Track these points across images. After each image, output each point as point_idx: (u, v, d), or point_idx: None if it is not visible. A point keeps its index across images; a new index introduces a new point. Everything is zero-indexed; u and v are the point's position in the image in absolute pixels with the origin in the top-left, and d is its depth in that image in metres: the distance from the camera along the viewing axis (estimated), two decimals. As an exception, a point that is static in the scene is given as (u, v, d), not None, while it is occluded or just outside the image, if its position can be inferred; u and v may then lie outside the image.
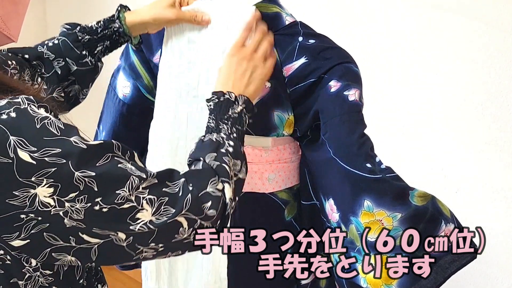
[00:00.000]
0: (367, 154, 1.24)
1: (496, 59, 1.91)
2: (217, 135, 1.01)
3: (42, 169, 0.76)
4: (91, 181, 0.78)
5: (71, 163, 0.77)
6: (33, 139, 0.76)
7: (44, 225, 0.78)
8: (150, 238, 0.83)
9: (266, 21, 1.29)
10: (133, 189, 0.81)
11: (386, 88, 2.12)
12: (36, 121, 0.77)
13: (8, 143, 0.75)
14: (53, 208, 0.77)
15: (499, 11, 1.89)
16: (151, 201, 0.83)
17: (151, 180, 0.84)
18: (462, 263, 1.25)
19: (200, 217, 0.88)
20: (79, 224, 0.79)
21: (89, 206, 0.78)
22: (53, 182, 0.76)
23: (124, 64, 1.42)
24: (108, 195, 0.79)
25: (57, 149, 0.77)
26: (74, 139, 0.79)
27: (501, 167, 1.99)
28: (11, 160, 0.75)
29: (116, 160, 0.82)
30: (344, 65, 1.28)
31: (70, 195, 0.77)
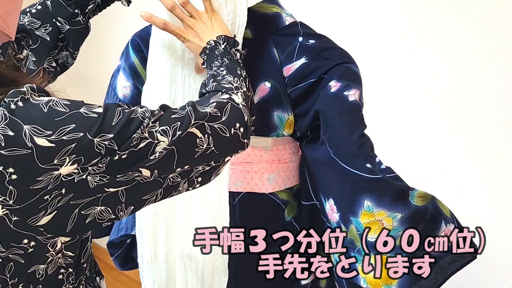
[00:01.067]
0: (367, 154, 1.24)
1: (496, 59, 1.91)
2: (210, 71, 1.07)
3: (63, 149, 0.77)
4: (111, 142, 0.80)
5: (88, 133, 0.79)
6: (46, 123, 0.77)
7: (69, 196, 0.80)
8: (174, 162, 0.85)
9: (266, 21, 1.29)
10: (146, 127, 0.83)
11: (386, 88, 2.12)
12: (42, 106, 0.78)
13: (24, 133, 0.76)
14: (77, 175, 0.79)
15: (499, 11, 1.89)
16: (165, 132, 0.85)
17: (158, 113, 0.86)
18: (462, 263, 1.25)
19: (206, 120, 0.90)
20: (102, 177, 0.81)
21: (108, 159, 0.80)
22: (76, 157, 0.78)
23: (124, 64, 1.42)
24: (124, 141, 0.81)
25: (71, 125, 0.78)
26: (83, 110, 0.81)
27: (501, 167, 1.99)
28: (30, 149, 0.76)
29: (128, 113, 0.83)
30: (344, 65, 1.28)
31: (92, 161, 0.79)
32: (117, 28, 2.62)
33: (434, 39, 2.02)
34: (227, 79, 1.04)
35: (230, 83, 1.02)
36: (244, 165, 1.34)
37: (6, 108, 0.77)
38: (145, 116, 0.84)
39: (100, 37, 2.70)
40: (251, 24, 1.28)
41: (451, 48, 1.99)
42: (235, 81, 1.03)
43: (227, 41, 1.14)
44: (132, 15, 2.59)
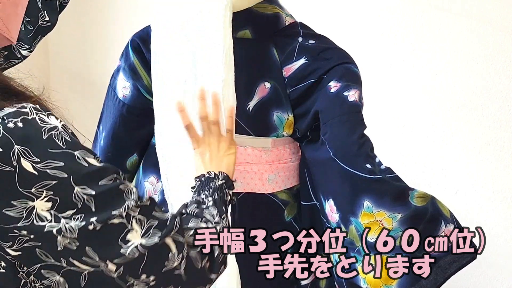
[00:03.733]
0: (367, 154, 1.24)
1: (496, 59, 1.91)
2: (198, 197, 1.05)
3: (43, 181, 0.75)
4: (89, 199, 0.78)
5: (72, 178, 0.77)
6: (38, 150, 0.76)
7: (37, 243, 0.78)
8: (141, 266, 0.82)
9: (266, 21, 1.29)
10: (127, 208, 0.81)
11: (386, 88, 2.12)
12: (43, 131, 0.77)
13: (12, 152, 0.75)
14: (48, 223, 0.77)
15: (499, 11, 1.89)
16: (141, 222, 0.82)
17: (145, 202, 0.84)
18: (462, 264, 1.25)
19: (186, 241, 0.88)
20: (71, 243, 0.78)
21: (83, 225, 0.78)
22: (52, 196, 0.76)
23: (124, 64, 1.42)
24: (103, 215, 0.79)
25: (60, 163, 0.77)
26: (78, 153, 0.79)
27: (501, 168, 1.99)
28: (13, 168, 0.74)
29: (119, 182, 0.82)
30: (344, 65, 1.28)
31: (67, 212, 0.77)
32: (117, 28, 2.62)
33: (434, 39, 2.02)
34: (210, 211, 1.01)
35: (212, 217, 1.00)
36: (244, 166, 1.34)
37: (2, 125, 0.75)
38: (131, 197, 0.82)
39: (100, 38, 2.71)
40: (251, 24, 1.28)
41: (451, 48, 1.99)
42: (216, 217, 1.01)
43: (226, 180, 1.13)
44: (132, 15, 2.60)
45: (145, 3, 2.56)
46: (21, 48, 1.11)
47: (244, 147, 1.34)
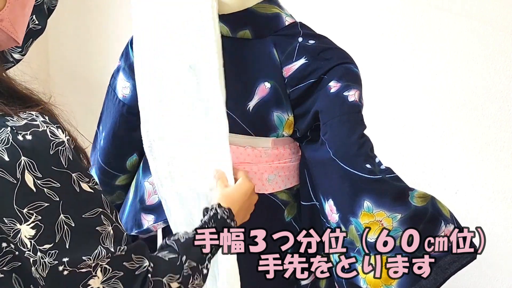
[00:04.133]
0: (367, 154, 1.24)
1: (496, 59, 1.91)
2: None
3: (38, 201, 0.77)
4: (67, 233, 0.79)
5: (62, 204, 0.79)
6: (43, 164, 0.77)
7: (16, 264, 0.81)
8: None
9: (266, 21, 1.29)
10: (98, 259, 0.82)
11: (386, 88, 2.12)
12: (52, 146, 0.78)
13: (19, 163, 0.76)
14: (27, 251, 0.79)
15: (499, 11, 1.89)
16: (105, 270, 0.83)
17: (120, 252, 0.84)
18: (462, 264, 1.25)
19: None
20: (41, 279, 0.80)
21: (55, 264, 0.79)
22: (39, 222, 0.77)
23: (124, 64, 1.42)
24: (75, 258, 0.80)
25: (57, 183, 0.78)
26: (75, 176, 0.80)
27: (501, 168, 1.99)
28: (15, 180, 0.76)
29: (100, 220, 0.82)
30: (344, 65, 1.28)
31: (44, 246, 0.79)
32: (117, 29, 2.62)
33: (434, 39, 2.02)
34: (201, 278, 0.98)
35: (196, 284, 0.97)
36: (244, 166, 1.34)
37: (12, 135, 0.76)
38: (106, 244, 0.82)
39: (100, 38, 2.71)
40: (251, 24, 1.29)
41: (451, 48, 1.99)
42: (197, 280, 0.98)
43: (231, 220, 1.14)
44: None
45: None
46: (13, 51, 1.11)
47: (244, 147, 1.34)
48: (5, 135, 0.76)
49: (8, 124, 0.77)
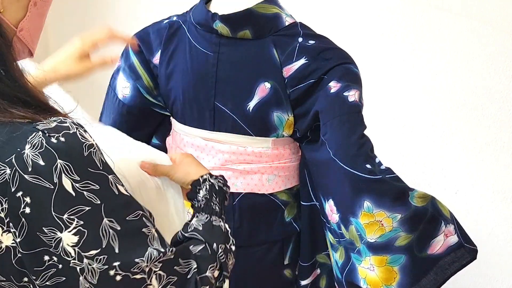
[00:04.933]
0: (367, 155, 1.24)
1: (496, 60, 1.91)
2: (223, 223, 1.00)
3: (78, 205, 0.74)
4: (114, 236, 0.76)
5: (104, 207, 0.76)
6: (79, 167, 0.75)
7: (61, 279, 0.76)
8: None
9: (266, 21, 1.29)
10: (151, 261, 0.79)
11: (386, 88, 2.12)
12: (84, 147, 0.75)
13: (55, 167, 0.73)
14: (72, 260, 0.75)
15: (499, 11, 1.89)
16: (160, 278, 0.81)
17: (168, 255, 0.82)
18: (462, 264, 1.25)
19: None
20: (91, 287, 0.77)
21: (105, 269, 0.76)
22: (81, 227, 0.74)
23: (124, 65, 1.42)
24: (126, 261, 0.77)
25: (96, 186, 0.75)
26: (111, 178, 0.78)
27: (501, 168, 1.99)
28: (53, 186, 0.73)
29: (144, 222, 0.80)
30: (344, 65, 1.28)
31: (90, 252, 0.75)
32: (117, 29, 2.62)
33: (434, 39, 2.02)
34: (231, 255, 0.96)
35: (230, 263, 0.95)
36: (244, 166, 1.34)
37: (45, 138, 0.73)
38: (154, 245, 0.80)
39: (100, 37, 2.70)
40: (251, 24, 1.29)
41: (451, 48, 1.99)
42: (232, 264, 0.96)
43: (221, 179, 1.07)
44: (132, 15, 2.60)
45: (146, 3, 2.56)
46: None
47: (244, 147, 1.34)
48: (38, 139, 0.73)
49: (39, 128, 0.74)
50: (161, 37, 1.37)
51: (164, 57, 1.36)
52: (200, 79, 1.32)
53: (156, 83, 1.40)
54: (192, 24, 1.34)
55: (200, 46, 1.32)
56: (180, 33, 1.36)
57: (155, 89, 1.40)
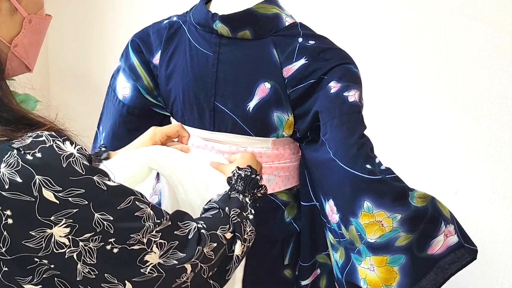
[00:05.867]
0: (367, 155, 1.23)
1: (496, 60, 1.91)
2: (243, 197, 1.06)
3: (64, 209, 0.75)
4: (109, 225, 0.78)
5: (92, 205, 0.77)
6: (59, 178, 0.75)
7: (56, 272, 0.78)
8: (155, 285, 0.84)
9: (266, 22, 1.29)
10: (147, 233, 0.82)
11: (386, 89, 2.12)
12: (62, 159, 0.76)
13: (33, 182, 0.74)
14: (68, 249, 0.76)
15: (499, 11, 1.89)
16: (161, 245, 0.84)
17: (165, 223, 0.85)
18: (461, 264, 1.25)
19: (200, 260, 0.89)
20: (91, 270, 0.78)
21: (101, 245, 0.78)
22: (72, 223, 0.76)
23: (124, 65, 1.42)
24: (122, 238, 0.80)
25: (81, 190, 0.76)
26: (97, 178, 0.79)
27: (501, 168, 1.99)
28: (34, 198, 0.74)
29: (136, 206, 0.82)
30: (344, 66, 1.28)
31: (85, 235, 0.77)
32: (116, 29, 2.62)
33: (434, 39, 2.02)
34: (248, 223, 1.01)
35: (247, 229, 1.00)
36: (244, 166, 1.34)
37: (20, 157, 0.74)
38: (149, 220, 0.82)
39: (100, 38, 2.71)
40: (251, 24, 1.28)
41: (451, 48, 1.99)
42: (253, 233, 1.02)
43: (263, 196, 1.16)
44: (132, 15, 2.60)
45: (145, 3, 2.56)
46: None
47: (244, 147, 1.34)
48: (13, 158, 0.74)
49: (14, 147, 0.75)
50: (161, 38, 1.37)
51: (164, 58, 1.36)
52: (200, 79, 1.32)
53: (156, 83, 1.40)
54: (192, 24, 1.34)
55: (200, 46, 1.32)
56: (180, 33, 1.36)
57: (155, 89, 1.40)
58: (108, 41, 2.69)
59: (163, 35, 1.37)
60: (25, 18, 0.87)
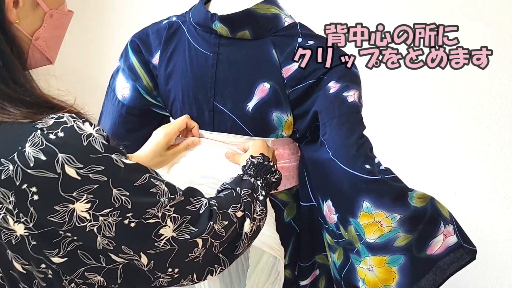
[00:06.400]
0: (366, 155, 1.23)
1: (496, 60, 1.91)
2: (254, 180, 1.11)
3: (85, 185, 0.80)
4: (126, 200, 0.83)
5: (111, 181, 0.82)
6: (81, 156, 0.80)
7: (79, 243, 0.83)
8: (169, 259, 0.89)
9: (265, 22, 1.29)
10: (162, 207, 0.87)
11: (386, 89, 2.12)
12: (83, 138, 0.81)
13: (57, 160, 0.78)
14: (89, 223, 0.81)
15: (499, 11, 1.89)
16: (174, 219, 0.88)
17: (178, 198, 0.90)
18: (461, 264, 1.25)
19: (211, 235, 0.93)
20: (110, 243, 0.83)
21: (119, 220, 0.83)
22: (92, 198, 0.81)
23: (123, 65, 1.42)
24: (138, 212, 0.85)
25: (101, 167, 0.81)
26: (115, 156, 0.84)
27: (501, 168, 1.99)
28: (57, 175, 0.78)
29: (152, 182, 0.87)
30: (343, 66, 1.28)
31: (104, 210, 0.82)
32: (116, 29, 2.62)
33: (434, 39, 2.01)
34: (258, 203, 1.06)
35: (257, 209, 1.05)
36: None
37: (44, 136, 0.79)
38: (164, 196, 0.87)
39: (100, 38, 2.71)
40: (251, 25, 1.28)
41: (451, 48, 1.99)
42: (263, 213, 1.06)
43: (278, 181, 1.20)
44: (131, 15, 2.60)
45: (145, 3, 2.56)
46: None
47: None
48: (37, 138, 0.79)
49: (37, 127, 0.80)
50: (161, 38, 1.37)
51: (164, 58, 1.36)
52: (199, 80, 1.32)
53: (155, 83, 1.40)
54: (192, 25, 1.34)
55: (200, 46, 1.32)
56: (180, 34, 1.36)
57: (155, 90, 1.40)
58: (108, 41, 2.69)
59: (163, 35, 1.37)
60: (46, 13, 0.91)
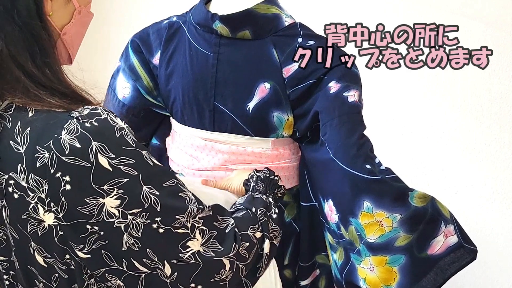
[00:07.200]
0: (366, 155, 1.24)
1: (496, 60, 1.91)
2: (266, 197, 1.10)
3: (116, 178, 0.80)
4: (156, 200, 0.83)
5: (141, 176, 0.82)
6: (113, 146, 0.81)
7: (104, 242, 0.82)
8: (193, 275, 0.87)
9: (265, 22, 1.29)
10: (191, 216, 0.86)
11: (386, 89, 2.12)
12: (116, 130, 0.82)
13: (90, 148, 0.79)
14: (117, 219, 0.81)
15: (499, 11, 1.89)
16: (203, 232, 0.88)
17: (207, 212, 0.89)
18: (461, 264, 1.25)
19: (237, 257, 0.92)
20: (135, 243, 0.82)
21: (148, 222, 0.82)
22: (122, 194, 0.80)
23: (124, 65, 1.42)
24: (168, 217, 0.84)
25: (132, 160, 0.81)
26: (145, 153, 0.84)
27: (501, 168, 1.99)
28: (90, 164, 0.79)
29: (180, 187, 0.87)
30: (343, 66, 1.28)
31: (133, 210, 0.81)
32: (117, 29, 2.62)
33: (434, 39, 2.01)
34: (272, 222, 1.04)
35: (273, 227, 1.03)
36: (244, 166, 1.34)
37: (79, 124, 0.80)
38: (192, 204, 0.87)
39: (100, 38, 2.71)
40: (251, 25, 1.29)
41: (451, 48, 1.99)
42: (277, 231, 1.04)
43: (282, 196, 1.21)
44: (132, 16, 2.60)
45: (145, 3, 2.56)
46: None
47: (244, 147, 1.34)
48: (73, 125, 0.79)
49: (73, 116, 0.81)
50: (161, 38, 1.37)
51: (164, 58, 1.36)
52: (199, 80, 1.32)
53: (155, 83, 1.40)
54: (192, 25, 1.34)
55: (200, 46, 1.32)
56: (180, 34, 1.36)
57: (155, 90, 1.40)
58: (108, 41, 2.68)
59: (163, 35, 1.37)
60: (76, 9, 0.92)
